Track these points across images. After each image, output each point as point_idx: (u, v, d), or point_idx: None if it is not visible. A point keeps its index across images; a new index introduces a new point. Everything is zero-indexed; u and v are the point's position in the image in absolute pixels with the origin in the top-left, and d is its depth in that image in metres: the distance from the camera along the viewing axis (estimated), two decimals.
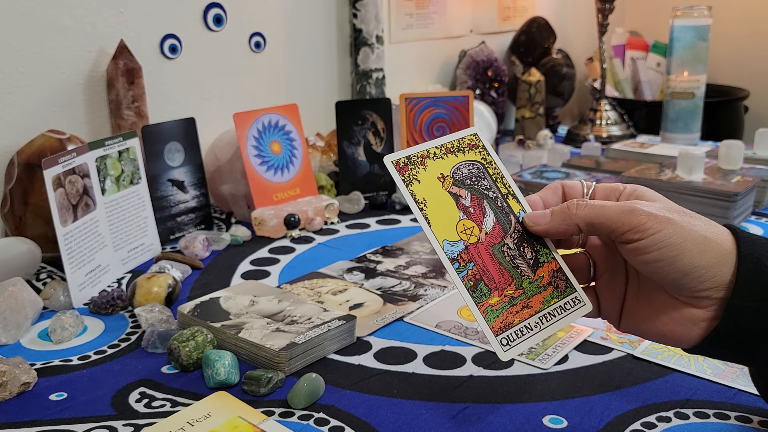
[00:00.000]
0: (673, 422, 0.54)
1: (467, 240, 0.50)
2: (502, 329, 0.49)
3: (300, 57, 1.29)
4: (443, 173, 0.52)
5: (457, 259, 0.49)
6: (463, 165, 0.53)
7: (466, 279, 0.49)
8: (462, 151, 0.54)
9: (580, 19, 1.92)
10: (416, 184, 0.51)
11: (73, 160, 0.79)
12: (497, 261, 0.51)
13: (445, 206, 0.51)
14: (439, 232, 0.50)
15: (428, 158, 0.52)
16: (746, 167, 1.08)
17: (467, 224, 0.51)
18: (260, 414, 0.56)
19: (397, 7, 1.44)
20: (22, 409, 0.58)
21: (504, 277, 0.50)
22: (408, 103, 1.15)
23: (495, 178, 0.54)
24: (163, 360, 0.66)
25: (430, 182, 0.51)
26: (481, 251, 0.50)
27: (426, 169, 0.51)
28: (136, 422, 0.55)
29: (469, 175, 0.53)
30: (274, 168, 1.05)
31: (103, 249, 0.84)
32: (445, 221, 0.50)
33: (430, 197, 0.51)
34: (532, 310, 0.50)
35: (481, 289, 0.49)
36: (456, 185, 0.52)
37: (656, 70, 1.76)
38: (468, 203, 0.52)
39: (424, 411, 0.56)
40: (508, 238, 0.52)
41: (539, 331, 0.50)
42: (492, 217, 0.52)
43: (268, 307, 0.70)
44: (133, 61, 1.00)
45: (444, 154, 0.53)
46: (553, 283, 0.52)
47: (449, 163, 0.52)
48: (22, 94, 0.94)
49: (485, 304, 0.49)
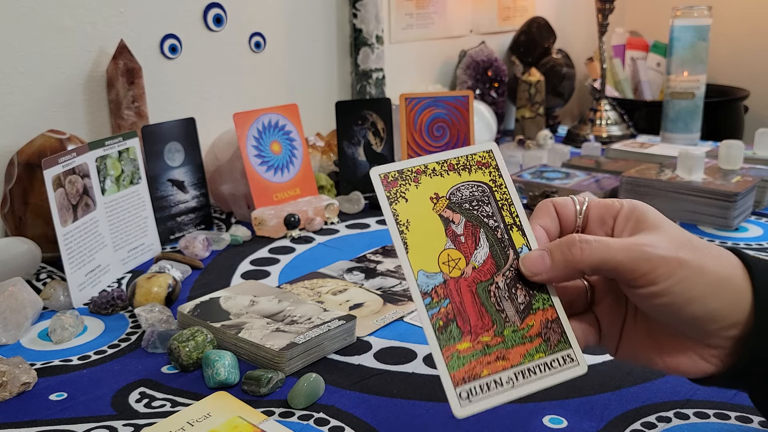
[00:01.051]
0: (673, 422, 0.54)
1: (448, 273, 0.44)
2: (465, 380, 0.41)
3: (300, 57, 1.29)
4: (438, 193, 0.45)
5: (431, 293, 0.43)
6: (465, 186, 0.46)
7: (436, 317, 0.42)
8: (468, 169, 0.47)
9: (580, 19, 1.92)
10: (402, 203, 0.45)
11: (73, 160, 0.79)
12: (479, 301, 0.44)
13: (431, 231, 0.44)
14: (416, 260, 0.43)
15: (424, 174, 0.46)
16: (746, 167, 1.08)
17: (453, 255, 0.44)
18: (260, 414, 0.56)
19: (397, 7, 1.44)
20: (22, 409, 0.58)
21: (483, 321, 0.43)
22: (408, 103, 1.15)
23: (501, 204, 0.47)
24: (163, 360, 0.66)
25: (420, 202, 0.45)
26: (462, 288, 0.44)
27: (419, 186, 0.45)
28: (136, 422, 0.55)
29: (470, 198, 0.46)
30: (274, 168, 1.05)
31: (103, 249, 0.84)
32: (427, 249, 0.44)
33: (416, 219, 0.44)
34: (507, 363, 0.43)
35: (451, 331, 0.42)
36: (450, 208, 0.45)
37: (656, 70, 1.76)
38: (460, 230, 0.45)
39: (424, 411, 0.56)
40: (499, 276, 0.45)
41: (511, 389, 0.42)
42: (485, 249, 0.45)
43: (268, 307, 0.70)
44: (133, 61, 0.99)
45: (445, 170, 0.46)
46: (544, 334, 0.44)
47: (449, 182, 0.46)
48: (22, 94, 0.94)
49: (452, 348, 0.42)
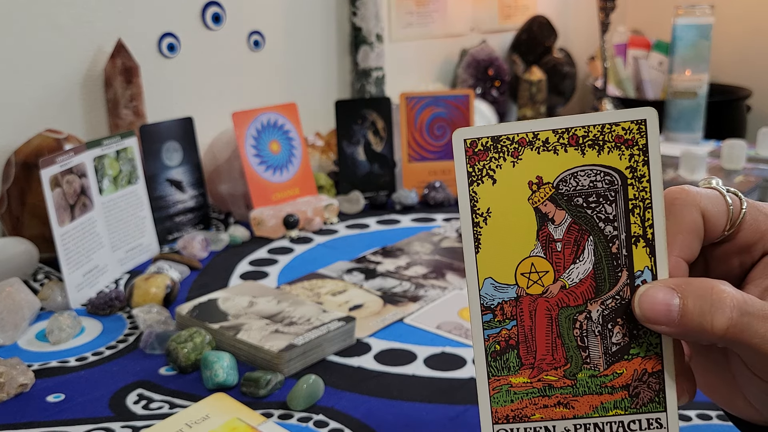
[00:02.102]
0: None
1: (525, 288, 0.33)
2: (508, 419, 0.33)
3: (299, 56, 1.29)
4: (542, 177, 0.32)
5: (495, 310, 0.33)
6: (586, 171, 0.32)
7: (493, 339, 0.33)
8: (600, 146, 0.32)
9: (581, 17, 1.91)
10: (487, 184, 0.33)
11: (71, 160, 0.79)
12: (557, 331, 0.33)
13: (518, 229, 0.33)
14: (486, 265, 0.33)
15: (530, 146, 0.32)
16: (749, 167, 1.07)
17: (539, 265, 0.33)
18: (259, 416, 0.55)
19: (397, 6, 1.44)
20: (20, 410, 0.57)
21: (555, 356, 0.33)
22: (408, 102, 1.14)
23: (633, 206, 0.32)
24: (162, 361, 0.65)
25: (514, 186, 0.32)
26: (539, 310, 0.33)
27: (518, 164, 0.32)
28: (134, 424, 0.55)
29: (588, 191, 0.33)
30: (273, 168, 1.04)
31: (101, 249, 0.83)
32: (507, 252, 0.33)
33: (501, 209, 0.33)
34: (569, 412, 0.33)
35: (507, 359, 0.33)
36: (554, 201, 0.33)
37: (658, 69, 1.75)
38: (559, 234, 0.33)
39: (424, 413, 0.56)
40: (596, 304, 0.33)
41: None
42: (588, 265, 0.33)
43: (267, 308, 0.70)
44: (131, 60, 0.99)
45: (563, 145, 0.32)
46: (633, 388, 0.33)
47: (565, 161, 0.32)
48: (20, 94, 0.94)
49: (502, 380, 0.33)
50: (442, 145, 1.15)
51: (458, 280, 0.81)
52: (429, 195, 1.11)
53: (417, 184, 1.14)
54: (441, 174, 1.15)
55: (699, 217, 0.32)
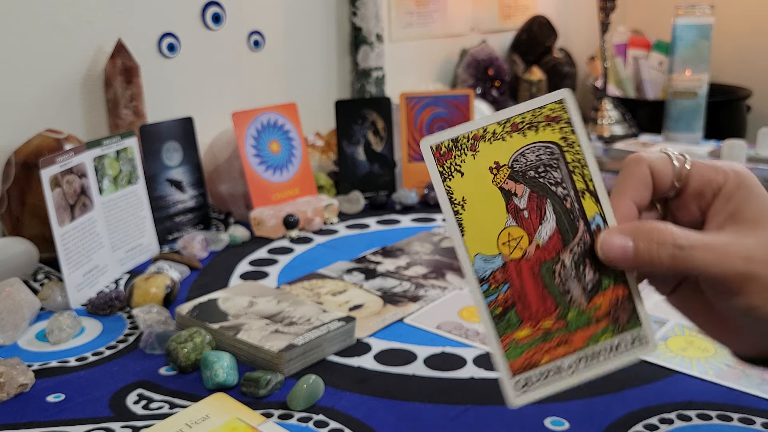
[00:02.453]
0: (675, 424, 0.53)
1: (508, 254, 0.39)
2: (522, 369, 0.39)
3: (299, 55, 1.29)
4: (499, 162, 0.39)
5: (489, 279, 0.39)
6: (530, 149, 0.39)
7: (494, 305, 0.39)
8: (535, 127, 0.40)
9: (581, 17, 1.91)
10: (457, 177, 0.39)
11: (71, 160, 0.79)
12: (542, 284, 0.39)
13: (490, 208, 0.39)
14: (473, 244, 0.39)
15: (483, 140, 0.39)
16: (749, 167, 1.07)
17: (514, 233, 0.39)
18: (259, 416, 0.55)
19: (397, 6, 1.44)
20: (20, 410, 0.57)
21: (546, 305, 0.39)
22: (408, 102, 1.14)
23: (573, 167, 0.40)
24: (161, 361, 0.65)
25: (478, 174, 0.39)
26: (524, 270, 0.39)
27: (477, 155, 0.39)
28: (134, 424, 0.55)
29: (536, 164, 0.40)
30: (273, 168, 1.04)
31: (101, 249, 0.83)
32: (486, 229, 0.39)
33: (473, 196, 0.39)
34: (570, 348, 0.39)
35: (509, 319, 0.39)
36: (513, 178, 0.39)
37: (658, 69, 1.75)
38: (524, 204, 0.39)
39: (425, 413, 0.56)
40: (566, 252, 0.39)
41: (571, 375, 0.39)
42: (552, 223, 0.40)
43: (267, 308, 0.70)
44: (131, 60, 0.99)
45: (507, 132, 0.39)
46: (612, 314, 0.40)
47: (512, 145, 0.39)
48: (20, 94, 0.94)
49: (509, 337, 0.39)
50: None
51: (458, 280, 0.81)
52: (429, 195, 1.11)
53: (417, 184, 1.14)
54: None
55: (647, 171, 0.40)
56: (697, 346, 0.65)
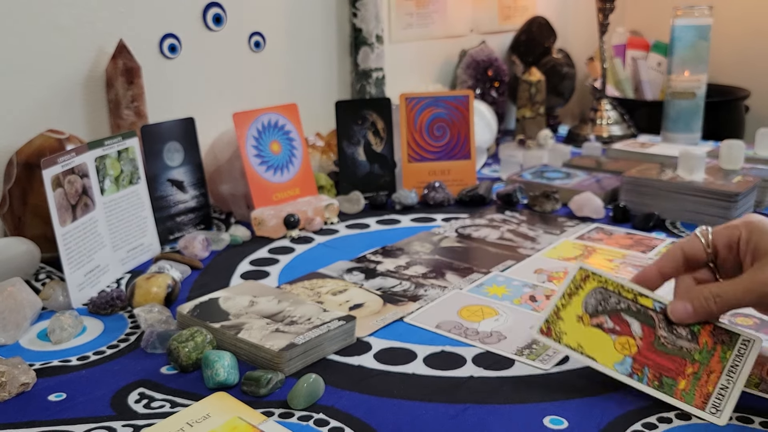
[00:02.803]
0: (674, 423, 0.53)
1: (630, 353, 0.57)
2: (705, 402, 0.54)
3: (300, 56, 1.29)
4: (578, 314, 0.59)
5: (632, 372, 0.56)
6: (588, 297, 0.60)
7: (650, 382, 0.55)
8: (580, 287, 0.61)
9: (580, 18, 1.91)
10: (565, 336, 0.58)
11: (72, 160, 0.79)
12: (662, 353, 0.57)
13: (597, 338, 0.58)
14: (606, 361, 0.56)
15: (561, 311, 0.59)
16: (747, 167, 1.08)
17: (622, 341, 0.58)
18: (260, 415, 0.56)
19: (397, 7, 1.44)
20: (21, 409, 0.58)
21: (676, 362, 0.56)
22: (408, 102, 1.14)
23: (618, 291, 0.60)
24: (163, 360, 0.65)
25: (574, 327, 0.58)
26: (646, 353, 0.57)
27: (564, 320, 0.59)
28: (135, 423, 0.55)
29: (597, 302, 0.60)
30: (274, 168, 1.04)
31: (102, 249, 0.84)
32: (605, 349, 0.57)
33: (582, 338, 0.58)
34: (717, 372, 0.56)
35: (666, 383, 0.55)
36: (593, 316, 0.59)
37: (657, 70, 1.75)
38: (611, 324, 0.59)
39: (424, 412, 0.56)
40: (658, 330, 0.58)
41: (734, 383, 0.55)
42: (636, 323, 0.59)
43: (268, 308, 0.70)
44: (133, 61, 0.99)
45: (567, 302, 0.60)
46: (718, 339, 0.57)
47: (577, 302, 0.60)
48: (21, 94, 0.94)
49: (677, 391, 0.54)
50: (441, 145, 1.16)
51: (457, 280, 0.82)
52: (429, 195, 1.11)
53: (417, 185, 1.15)
54: (440, 174, 1.15)
55: (679, 252, 0.60)
56: None
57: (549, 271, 0.84)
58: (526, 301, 0.76)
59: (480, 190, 1.11)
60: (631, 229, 0.98)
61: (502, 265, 0.86)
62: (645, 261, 0.86)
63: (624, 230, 0.98)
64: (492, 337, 0.68)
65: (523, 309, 0.74)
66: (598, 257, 0.88)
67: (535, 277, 0.82)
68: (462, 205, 1.12)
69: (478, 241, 0.95)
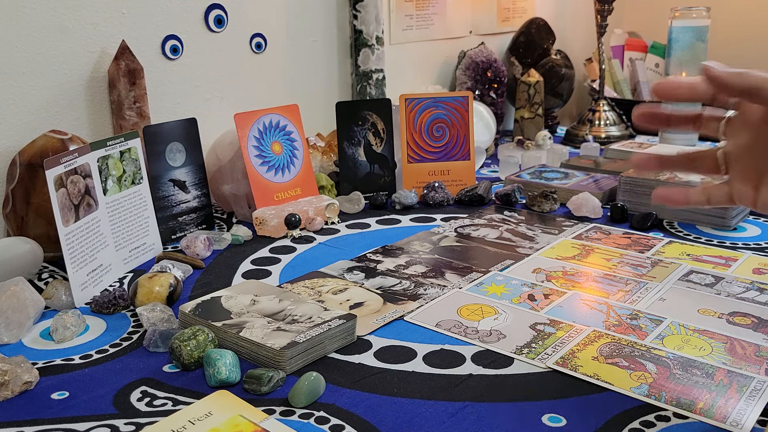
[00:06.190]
0: (672, 422, 0.54)
1: (646, 382, 0.59)
2: (725, 418, 0.55)
3: (301, 58, 1.30)
4: (593, 355, 0.64)
5: (649, 394, 0.58)
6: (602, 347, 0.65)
7: (668, 402, 0.56)
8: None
9: (579, 20, 1.92)
10: (581, 368, 0.62)
11: (75, 161, 0.80)
12: (679, 384, 0.59)
13: (612, 371, 0.61)
14: (622, 386, 0.59)
15: (577, 353, 0.65)
16: None
17: (637, 374, 0.61)
18: (261, 413, 0.56)
19: (397, 9, 1.45)
20: (24, 408, 0.58)
21: (694, 390, 0.58)
22: (408, 103, 1.15)
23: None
24: (165, 359, 0.66)
25: (590, 363, 0.63)
26: (662, 383, 0.59)
27: (580, 358, 0.64)
28: (137, 421, 0.56)
29: (612, 350, 0.65)
30: (275, 168, 1.05)
31: (105, 249, 0.84)
32: (621, 378, 0.60)
33: (597, 370, 0.61)
34: (735, 400, 0.57)
35: (683, 403, 0.56)
36: (608, 357, 0.64)
37: (655, 71, 1.76)
38: (626, 363, 0.62)
39: (424, 409, 0.56)
40: (673, 369, 0.62)
41: (753, 406, 0.57)
42: (651, 364, 0.62)
43: (269, 307, 0.71)
44: (135, 62, 1.00)
45: (582, 347, 0.66)
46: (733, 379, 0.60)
47: (592, 348, 0.65)
48: (24, 95, 0.94)
49: (696, 410, 0.55)
50: (441, 146, 1.16)
51: (457, 279, 0.82)
52: (428, 195, 1.12)
53: (416, 185, 1.15)
54: (440, 174, 1.16)
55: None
56: (693, 344, 0.66)
57: (547, 270, 0.84)
58: (525, 300, 0.76)
59: (479, 190, 1.12)
60: (628, 228, 0.99)
61: (501, 265, 0.87)
62: (643, 260, 0.87)
63: (622, 230, 0.98)
64: (491, 335, 0.68)
65: (522, 308, 0.74)
66: (596, 257, 0.88)
67: (533, 276, 0.83)
68: (461, 205, 1.12)
69: (477, 241, 0.96)
